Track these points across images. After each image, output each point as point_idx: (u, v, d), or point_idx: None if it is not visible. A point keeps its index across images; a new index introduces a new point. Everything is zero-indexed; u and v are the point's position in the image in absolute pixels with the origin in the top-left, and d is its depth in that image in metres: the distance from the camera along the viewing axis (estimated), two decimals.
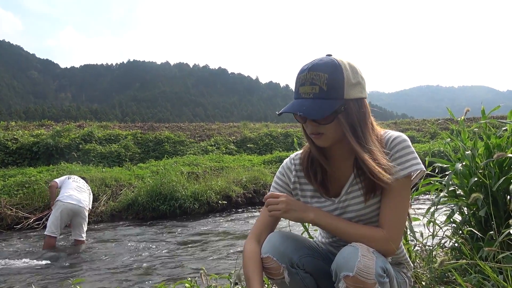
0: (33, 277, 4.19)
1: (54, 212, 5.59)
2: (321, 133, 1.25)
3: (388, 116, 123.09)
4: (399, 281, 1.35)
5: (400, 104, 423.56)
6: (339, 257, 1.19)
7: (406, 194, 1.28)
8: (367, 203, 1.31)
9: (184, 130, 18.59)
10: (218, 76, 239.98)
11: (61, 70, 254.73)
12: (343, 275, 1.14)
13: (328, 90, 1.20)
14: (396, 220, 1.26)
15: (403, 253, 1.42)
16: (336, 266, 1.19)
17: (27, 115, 70.28)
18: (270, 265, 1.29)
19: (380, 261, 1.17)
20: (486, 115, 2.40)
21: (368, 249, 1.18)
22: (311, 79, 1.21)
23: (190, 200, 8.48)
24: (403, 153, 1.27)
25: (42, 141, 13.62)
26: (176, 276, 3.96)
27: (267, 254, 1.29)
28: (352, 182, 1.33)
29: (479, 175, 2.06)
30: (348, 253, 1.17)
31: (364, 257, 1.15)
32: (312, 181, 1.39)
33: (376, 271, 1.13)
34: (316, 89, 1.20)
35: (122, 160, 13.82)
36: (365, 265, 1.13)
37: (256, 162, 12.93)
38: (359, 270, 1.12)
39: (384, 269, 1.18)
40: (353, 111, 1.24)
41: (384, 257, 1.23)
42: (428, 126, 20.05)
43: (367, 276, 1.12)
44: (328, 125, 1.23)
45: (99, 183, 9.10)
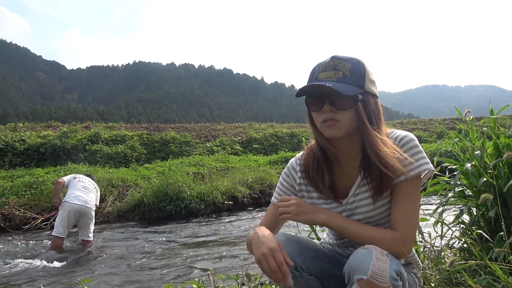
0: (41, 277, 4.22)
1: (61, 213, 5.62)
2: (336, 120, 1.22)
3: (394, 116, 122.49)
4: (410, 282, 1.33)
5: (406, 104, 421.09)
6: (353, 259, 1.17)
7: (416, 194, 1.27)
8: (376, 205, 1.30)
9: (190, 130, 18.65)
10: (223, 77, 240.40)
11: (68, 71, 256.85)
12: (357, 278, 1.13)
13: (351, 76, 1.23)
14: (408, 222, 1.24)
15: (412, 252, 1.40)
16: (349, 269, 1.17)
17: (34, 116, 70.90)
18: None
19: (394, 264, 1.15)
20: (494, 114, 2.38)
21: (382, 252, 1.16)
22: (335, 66, 1.24)
23: (196, 200, 8.49)
24: (411, 152, 1.26)
25: (49, 142, 13.74)
26: (182, 277, 3.97)
27: None
28: (360, 184, 1.32)
29: (487, 175, 2.04)
30: (362, 255, 1.15)
31: (379, 260, 1.13)
32: (320, 186, 1.36)
33: (390, 274, 1.11)
34: (340, 74, 1.23)
35: (128, 161, 13.90)
36: (379, 268, 1.11)
37: (262, 162, 12.93)
38: (373, 273, 1.10)
39: (398, 272, 1.16)
40: (370, 103, 1.25)
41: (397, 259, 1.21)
42: (435, 125, 19.90)
43: (381, 280, 1.10)
44: (346, 111, 1.22)
45: (106, 183, 9.15)
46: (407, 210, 1.25)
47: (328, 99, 1.22)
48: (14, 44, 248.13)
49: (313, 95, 1.25)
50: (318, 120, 1.26)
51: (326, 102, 1.22)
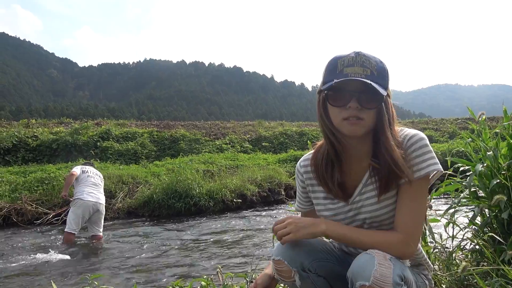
0: (52, 272, 4.29)
1: (75, 210, 5.68)
2: (361, 119, 1.19)
3: (406, 115, 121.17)
4: (419, 284, 1.31)
5: (418, 103, 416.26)
6: (355, 265, 1.16)
7: (423, 195, 1.24)
8: (381, 202, 1.28)
9: (200, 128, 18.73)
10: (233, 75, 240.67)
11: (79, 68, 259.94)
12: (359, 284, 1.12)
13: (378, 76, 1.20)
14: (413, 222, 1.22)
15: (421, 253, 1.38)
16: (352, 275, 1.16)
17: (46, 113, 71.96)
18: (281, 268, 1.29)
19: (397, 269, 1.13)
20: (508, 115, 2.33)
21: (385, 256, 1.15)
22: (362, 62, 1.20)
23: (205, 198, 8.53)
24: (420, 152, 1.23)
25: (61, 139, 13.94)
26: (191, 274, 4.00)
27: (279, 257, 1.28)
28: (366, 182, 1.30)
29: (500, 177, 2.00)
30: (364, 261, 1.14)
31: (381, 265, 1.11)
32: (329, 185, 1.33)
33: (394, 279, 1.10)
34: (368, 71, 1.19)
35: (138, 158, 14.03)
36: (381, 274, 1.09)
37: (271, 161, 12.92)
38: (375, 279, 1.09)
39: (402, 277, 1.14)
40: (389, 105, 1.25)
41: (402, 263, 1.19)
42: (446, 125, 19.64)
43: (383, 286, 1.08)
44: (371, 111, 1.20)
45: (116, 180, 9.24)
46: (412, 211, 1.23)
47: (356, 96, 1.18)
48: (27, 41, 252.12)
49: (338, 89, 1.20)
50: (339, 116, 1.21)
51: (353, 99, 1.18)
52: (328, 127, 1.27)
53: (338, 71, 1.20)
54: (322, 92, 1.26)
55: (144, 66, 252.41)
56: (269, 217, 7.73)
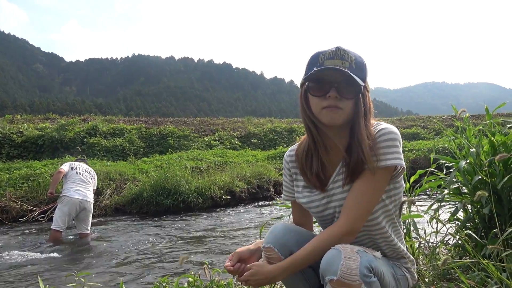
0: (38, 270, 4.24)
1: (62, 207, 5.61)
2: (339, 108, 1.24)
3: (393, 113, 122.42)
4: (398, 276, 1.34)
5: (405, 101, 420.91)
6: (323, 261, 1.20)
7: (378, 183, 1.26)
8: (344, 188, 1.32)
9: (188, 124, 18.62)
10: (222, 71, 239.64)
11: (66, 63, 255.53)
12: (328, 279, 1.16)
13: (356, 68, 1.25)
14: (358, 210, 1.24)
15: (400, 247, 1.39)
16: (322, 270, 1.20)
17: (32, 108, 70.63)
18: (271, 255, 1.31)
19: (365, 260, 1.16)
20: (490, 113, 2.39)
21: (352, 249, 1.18)
22: (341, 55, 1.25)
23: (194, 194, 8.50)
24: (385, 144, 1.27)
25: (47, 135, 13.71)
26: (179, 270, 3.99)
27: (269, 244, 1.32)
28: (339, 171, 1.35)
29: (481, 173, 2.05)
30: (331, 256, 1.18)
31: (347, 259, 1.15)
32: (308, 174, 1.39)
33: (361, 271, 1.13)
34: (347, 64, 1.25)
35: (126, 154, 13.89)
36: (347, 267, 1.13)
37: (260, 157, 12.94)
38: (342, 273, 1.13)
39: (370, 268, 1.17)
40: (366, 97, 1.29)
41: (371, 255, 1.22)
42: (433, 123, 19.94)
43: (351, 278, 1.12)
44: (349, 101, 1.25)
45: (104, 177, 9.15)
46: (363, 194, 1.26)
47: (336, 86, 1.22)
48: (12, 35, 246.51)
49: (319, 80, 1.25)
50: (319, 105, 1.26)
51: (332, 89, 1.22)
52: (309, 118, 1.32)
53: (319, 64, 1.26)
54: (304, 85, 1.32)
55: (132, 62, 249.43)
56: (257, 214, 7.76)
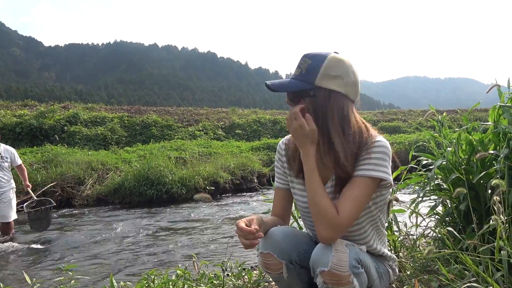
0: (22, 263, 4.18)
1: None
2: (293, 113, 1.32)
3: (375, 106, 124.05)
4: (380, 271, 1.40)
5: (388, 94, 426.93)
6: (314, 253, 1.26)
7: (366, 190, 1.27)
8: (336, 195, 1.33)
9: (172, 114, 18.43)
10: (207, 60, 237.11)
11: (45, 48, 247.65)
12: (319, 270, 1.21)
13: (306, 73, 1.29)
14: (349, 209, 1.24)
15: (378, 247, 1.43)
16: (313, 263, 1.25)
17: (8, 94, 68.33)
18: (270, 261, 1.33)
19: (353, 253, 1.23)
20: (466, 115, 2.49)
21: (341, 243, 1.24)
22: (299, 63, 1.32)
23: (177, 185, 8.49)
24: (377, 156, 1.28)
25: (25, 122, 13.36)
26: (165, 263, 4.00)
27: (267, 250, 1.32)
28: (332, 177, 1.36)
29: (457, 171, 2.13)
30: (322, 248, 1.24)
31: (338, 251, 1.21)
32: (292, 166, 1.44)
33: (350, 263, 1.20)
34: (298, 71, 1.32)
35: (108, 143, 13.68)
36: (338, 259, 1.19)
37: (244, 148, 12.97)
38: (333, 264, 1.19)
39: (358, 260, 1.24)
40: (321, 99, 1.27)
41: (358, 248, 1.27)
42: (414, 116, 20.35)
43: (341, 269, 1.18)
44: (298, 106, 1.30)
45: (85, 166, 9.01)
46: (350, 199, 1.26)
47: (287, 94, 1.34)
48: None
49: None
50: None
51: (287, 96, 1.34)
52: None
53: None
54: None
55: (114, 48, 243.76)
56: (241, 204, 7.81)
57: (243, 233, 1.22)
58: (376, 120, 20.04)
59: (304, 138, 1.27)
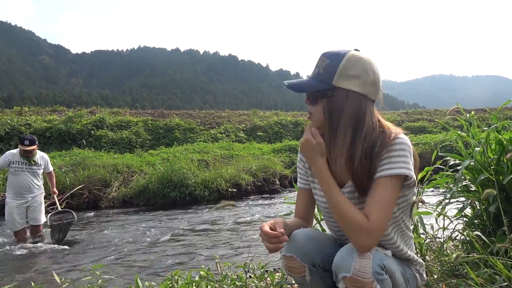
0: (49, 263, 4.32)
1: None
2: (310, 113, 1.34)
3: (399, 106, 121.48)
4: (407, 276, 1.35)
5: (412, 94, 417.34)
6: (337, 258, 1.22)
7: (392, 190, 1.22)
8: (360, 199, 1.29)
9: (194, 117, 18.66)
10: (228, 63, 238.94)
11: (72, 55, 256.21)
12: (341, 276, 1.18)
13: (324, 73, 1.27)
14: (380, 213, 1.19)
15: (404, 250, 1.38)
16: (335, 267, 1.22)
17: (39, 100, 71.11)
18: (293, 264, 1.32)
19: (377, 259, 1.18)
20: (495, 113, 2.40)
21: None
22: (318, 63, 1.31)
23: (200, 187, 8.58)
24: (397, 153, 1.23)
25: (54, 127, 13.85)
26: (188, 263, 4.05)
27: (290, 253, 1.32)
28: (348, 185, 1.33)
29: (486, 172, 2.05)
30: (345, 253, 1.20)
31: (361, 256, 1.17)
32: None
33: (373, 269, 1.15)
34: (316, 71, 1.30)
35: (133, 147, 13.99)
36: (361, 265, 1.15)
37: (266, 150, 12.96)
38: (355, 270, 1.15)
39: (382, 266, 1.18)
40: (337, 100, 1.25)
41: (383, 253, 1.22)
42: (440, 116, 19.78)
43: (364, 276, 1.14)
44: (315, 106, 1.31)
45: (111, 169, 9.24)
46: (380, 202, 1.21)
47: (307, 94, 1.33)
48: (19, 27, 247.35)
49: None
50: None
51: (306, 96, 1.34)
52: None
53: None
54: None
55: (138, 54, 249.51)
56: (263, 207, 7.81)
57: (267, 237, 1.21)
58: (401, 120, 19.62)
59: (312, 152, 1.29)
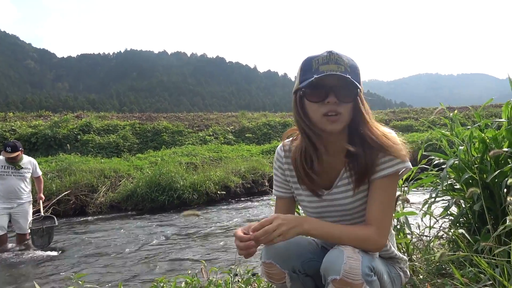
0: (31, 271, 4.23)
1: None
2: (339, 113, 1.21)
3: (387, 105, 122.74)
4: (392, 275, 1.36)
5: (399, 93, 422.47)
6: (326, 260, 1.21)
7: (393, 190, 1.29)
8: (356, 195, 1.31)
9: (182, 120, 18.54)
10: (216, 65, 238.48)
11: (58, 59, 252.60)
12: (331, 278, 1.16)
13: (351, 72, 1.22)
14: (384, 216, 1.26)
15: (391, 249, 1.41)
16: (324, 270, 1.20)
17: (24, 105, 69.92)
18: (272, 271, 1.30)
19: (366, 260, 1.18)
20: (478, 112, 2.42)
21: (354, 250, 1.19)
22: (335, 60, 1.21)
23: (188, 191, 8.51)
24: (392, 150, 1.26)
25: (40, 132, 13.61)
26: (176, 269, 4.00)
27: (269, 260, 1.29)
28: (343, 176, 1.33)
29: (469, 171, 2.06)
30: (334, 256, 1.19)
31: (350, 258, 1.16)
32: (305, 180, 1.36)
33: (363, 271, 1.14)
34: (342, 68, 1.21)
35: (120, 151, 13.83)
36: (350, 267, 1.14)
37: (255, 152, 12.95)
38: (345, 272, 1.14)
39: (371, 268, 1.18)
40: (363, 101, 1.27)
41: (370, 255, 1.23)
42: (426, 115, 20.05)
43: (353, 278, 1.14)
44: (347, 105, 1.22)
45: (98, 174, 9.11)
46: (383, 205, 1.26)
47: (334, 91, 1.20)
48: (2, 31, 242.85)
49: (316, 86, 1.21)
50: (318, 112, 1.22)
51: (331, 94, 1.20)
52: (307, 125, 1.28)
53: (314, 70, 1.22)
54: (299, 91, 1.27)
55: (124, 57, 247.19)
56: (253, 209, 7.78)
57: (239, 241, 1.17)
58: (388, 119, 19.81)
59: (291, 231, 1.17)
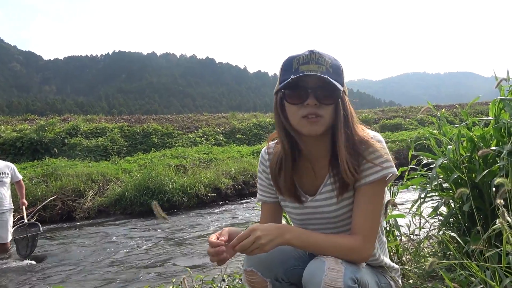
0: (18, 284, 4.10)
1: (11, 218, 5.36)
2: (319, 116, 1.16)
3: (376, 104, 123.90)
4: (382, 285, 1.31)
5: (388, 92, 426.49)
6: (306, 272, 1.14)
7: (380, 197, 1.24)
8: (340, 203, 1.26)
9: (172, 121, 18.39)
10: (205, 66, 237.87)
11: (45, 62, 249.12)
12: None
13: (333, 72, 1.16)
14: (370, 224, 1.20)
15: (380, 258, 1.35)
16: (304, 282, 1.14)
17: (10, 109, 68.71)
18: (254, 279, 1.24)
19: (349, 272, 1.11)
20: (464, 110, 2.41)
21: (336, 261, 1.12)
22: (317, 59, 1.16)
23: (178, 193, 8.41)
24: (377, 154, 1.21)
25: (25, 136, 13.36)
26: (164, 275, 3.91)
27: (251, 268, 1.24)
28: (327, 182, 1.28)
29: (458, 171, 2.04)
30: (315, 267, 1.12)
31: (331, 270, 1.09)
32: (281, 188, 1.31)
33: (345, 283, 1.08)
34: (323, 68, 1.15)
35: (109, 154, 13.65)
36: (331, 279, 1.08)
37: (245, 153, 12.89)
38: (325, 285, 1.07)
39: (355, 279, 1.12)
40: (346, 103, 1.21)
41: (355, 265, 1.17)
42: (415, 113, 20.23)
43: None
44: (329, 107, 1.17)
45: (85, 178, 8.96)
46: (370, 213, 1.21)
47: (314, 93, 1.15)
48: None
49: (295, 87, 1.16)
50: (298, 114, 1.17)
51: (311, 96, 1.14)
52: (286, 128, 1.23)
53: (294, 70, 1.17)
54: (279, 92, 1.22)
55: (113, 58, 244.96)
56: (243, 210, 7.72)
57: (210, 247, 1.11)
58: (377, 118, 19.93)
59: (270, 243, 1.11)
